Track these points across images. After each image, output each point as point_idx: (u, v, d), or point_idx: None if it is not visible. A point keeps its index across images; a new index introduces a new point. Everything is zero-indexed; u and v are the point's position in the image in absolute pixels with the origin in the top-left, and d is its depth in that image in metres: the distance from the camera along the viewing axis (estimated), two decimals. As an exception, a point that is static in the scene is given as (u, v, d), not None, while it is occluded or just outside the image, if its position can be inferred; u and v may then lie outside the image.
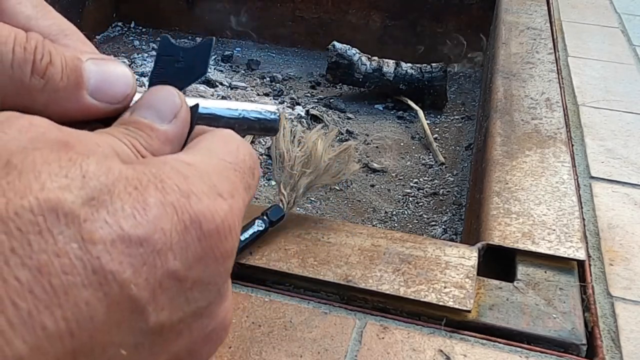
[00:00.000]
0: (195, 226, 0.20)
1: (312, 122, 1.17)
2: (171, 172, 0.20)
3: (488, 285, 0.44)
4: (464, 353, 0.39)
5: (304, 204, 0.94)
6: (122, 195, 0.18)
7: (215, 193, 0.21)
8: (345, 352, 0.38)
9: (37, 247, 0.17)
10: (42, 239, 0.17)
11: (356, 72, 1.25)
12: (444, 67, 1.24)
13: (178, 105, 0.24)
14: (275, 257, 0.45)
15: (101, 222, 0.18)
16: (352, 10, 1.49)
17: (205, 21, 1.59)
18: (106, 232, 0.18)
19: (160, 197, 0.19)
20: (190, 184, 0.20)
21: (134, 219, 0.18)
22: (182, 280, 0.19)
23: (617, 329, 0.42)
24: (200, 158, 0.22)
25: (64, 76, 0.22)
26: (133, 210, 0.18)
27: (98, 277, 0.17)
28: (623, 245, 0.51)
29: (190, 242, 0.20)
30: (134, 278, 0.18)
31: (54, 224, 0.17)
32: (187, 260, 0.20)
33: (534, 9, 1.07)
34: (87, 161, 0.19)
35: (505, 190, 0.55)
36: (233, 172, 0.23)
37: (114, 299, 0.18)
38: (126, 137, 0.22)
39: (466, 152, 1.10)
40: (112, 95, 0.24)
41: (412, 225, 0.91)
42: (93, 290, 0.17)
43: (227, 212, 0.21)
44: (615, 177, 0.61)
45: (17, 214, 0.17)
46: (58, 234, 0.17)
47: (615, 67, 0.88)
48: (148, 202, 0.19)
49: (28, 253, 0.16)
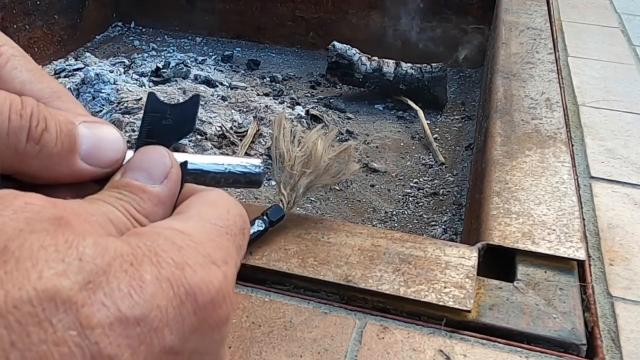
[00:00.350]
0: (190, 299, 0.20)
1: (312, 122, 1.17)
2: (165, 244, 0.21)
3: (488, 285, 0.44)
4: (464, 353, 0.39)
5: (304, 204, 0.94)
6: (118, 274, 0.19)
7: (210, 262, 0.21)
8: (345, 352, 0.38)
9: (37, 338, 0.17)
10: (41, 329, 0.17)
11: (356, 72, 1.25)
12: (444, 67, 1.24)
13: (169, 166, 0.25)
14: (275, 257, 0.45)
15: (99, 304, 0.18)
16: (352, 10, 1.49)
17: (205, 21, 1.59)
18: (104, 315, 0.18)
19: (155, 272, 0.20)
20: (184, 255, 0.21)
21: (131, 298, 0.19)
22: (179, 353, 0.20)
23: (617, 329, 0.42)
24: (193, 225, 0.23)
25: (58, 142, 0.23)
26: (129, 289, 0.19)
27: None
28: (623, 245, 0.51)
29: (186, 316, 0.20)
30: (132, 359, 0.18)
31: (53, 312, 0.17)
32: (184, 333, 0.20)
33: (534, 9, 1.07)
34: (83, 243, 0.19)
35: (505, 190, 0.55)
36: (225, 236, 0.23)
37: None
38: (119, 202, 0.23)
39: (466, 152, 1.10)
40: (103, 160, 0.25)
41: (412, 225, 0.91)
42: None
43: (221, 281, 0.21)
44: (615, 177, 0.61)
45: (15, 306, 0.17)
46: (57, 322, 0.17)
47: (615, 67, 0.88)
48: (144, 279, 0.19)
49: (28, 345, 0.17)
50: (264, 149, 1.07)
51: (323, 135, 0.47)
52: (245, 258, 0.44)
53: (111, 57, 1.45)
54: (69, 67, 1.34)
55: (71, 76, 1.29)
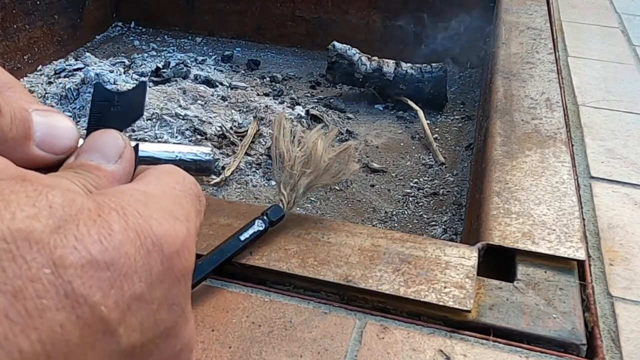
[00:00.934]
0: (157, 249, 0.21)
1: (312, 122, 1.17)
2: (131, 200, 0.21)
3: (488, 285, 0.44)
4: (464, 353, 0.39)
5: (304, 204, 0.94)
6: (87, 223, 0.19)
7: (174, 217, 0.22)
8: (345, 352, 0.38)
9: (12, 273, 0.17)
10: (15, 265, 0.17)
11: (356, 72, 1.25)
12: (444, 67, 1.24)
13: (122, 146, 0.26)
14: (275, 257, 0.45)
15: (70, 248, 0.18)
16: (352, 10, 1.49)
17: (205, 21, 1.59)
18: (76, 257, 0.18)
19: (123, 223, 0.20)
20: (150, 209, 0.21)
21: (101, 244, 0.19)
22: (148, 302, 0.20)
23: (617, 329, 0.42)
24: (154, 187, 0.24)
25: (13, 127, 0.23)
26: (99, 236, 0.19)
27: (70, 300, 0.18)
28: (623, 245, 0.51)
29: (154, 265, 0.21)
30: (103, 301, 0.19)
31: (27, 251, 0.18)
32: (151, 282, 0.20)
33: (534, 9, 1.07)
34: (52, 192, 0.19)
35: (505, 190, 0.55)
36: (184, 198, 0.24)
37: (87, 321, 0.18)
38: (76, 178, 0.23)
39: (466, 152, 1.10)
40: (57, 147, 0.25)
41: (412, 225, 0.91)
42: (66, 314, 0.18)
43: (185, 234, 0.22)
44: (615, 177, 0.61)
45: None
46: (31, 260, 0.18)
47: (615, 67, 0.88)
48: (112, 228, 0.20)
49: (3, 279, 0.17)
50: (264, 149, 1.07)
51: (323, 135, 0.47)
52: (245, 258, 0.44)
53: (111, 57, 1.45)
54: (69, 67, 1.34)
55: (71, 76, 1.29)
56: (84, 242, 0.19)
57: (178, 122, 1.10)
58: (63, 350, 0.17)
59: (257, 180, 1.00)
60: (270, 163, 1.02)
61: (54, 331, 0.17)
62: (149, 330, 0.20)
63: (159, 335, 0.21)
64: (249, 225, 0.44)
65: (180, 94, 1.20)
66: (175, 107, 1.14)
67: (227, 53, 1.48)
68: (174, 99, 1.17)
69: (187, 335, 0.24)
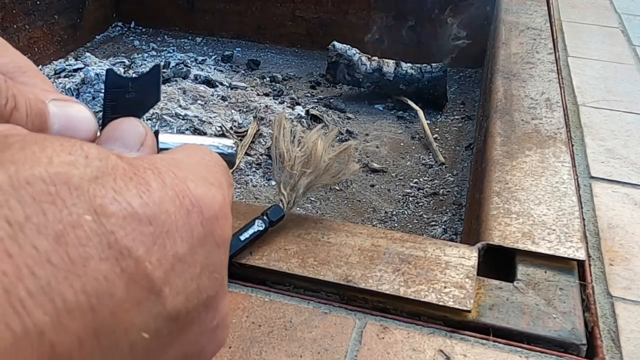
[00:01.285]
0: (197, 210, 0.20)
1: (312, 122, 1.17)
2: (163, 162, 0.21)
3: (488, 285, 0.44)
4: (464, 353, 0.39)
5: (304, 204, 0.94)
6: (124, 178, 0.18)
7: (209, 182, 0.21)
8: (345, 352, 0.38)
9: (52, 216, 0.16)
10: (56, 209, 0.16)
11: (356, 72, 1.25)
12: (444, 67, 1.24)
13: (142, 134, 0.25)
14: (275, 257, 0.45)
15: (110, 198, 0.17)
16: (352, 10, 1.49)
17: (205, 21, 1.59)
18: (117, 208, 0.17)
19: (160, 181, 0.19)
20: (184, 172, 0.21)
21: (141, 198, 0.18)
22: (190, 265, 0.19)
23: (617, 329, 0.42)
24: (183, 156, 0.23)
25: (28, 121, 0.22)
26: (138, 191, 0.18)
27: (114, 251, 0.17)
28: (623, 245, 0.51)
29: (194, 226, 0.20)
30: (147, 256, 0.18)
31: (67, 195, 0.17)
32: (193, 244, 0.20)
33: (534, 9, 1.07)
34: (86, 144, 0.18)
35: (505, 190, 0.55)
36: (215, 167, 0.23)
37: (132, 276, 0.17)
38: None
39: (466, 152, 1.10)
40: None
41: (412, 225, 0.91)
42: (110, 265, 0.17)
43: (222, 201, 0.21)
44: (615, 177, 0.61)
45: (28, 183, 0.16)
46: (71, 205, 0.16)
47: (615, 67, 0.88)
48: (150, 185, 0.19)
49: (43, 222, 0.16)
50: (264, 149, 1.07)
51: (323, 135, 0.47)
52: (245, 258, 0.44)
53: (111, 57, 1.45)
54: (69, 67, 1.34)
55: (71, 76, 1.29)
56: (123, 194, 0.18)
57: (178, 122, 1.10)
58: (108, 304, 0.16)
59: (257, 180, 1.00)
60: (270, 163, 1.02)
61: (99, 282, 0.16)
62: (192, 296, 0.19)
63: (202, 303, 0.20)
64: (249, 225, 0.44)
65: (180, 94, 1.20)
66: (175, 107, 1.14)
67: (227, 53, 1.48)
68: (174, 99, 1.17)
69: (225, 311, 0.23)
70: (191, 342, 0.21)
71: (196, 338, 0.21)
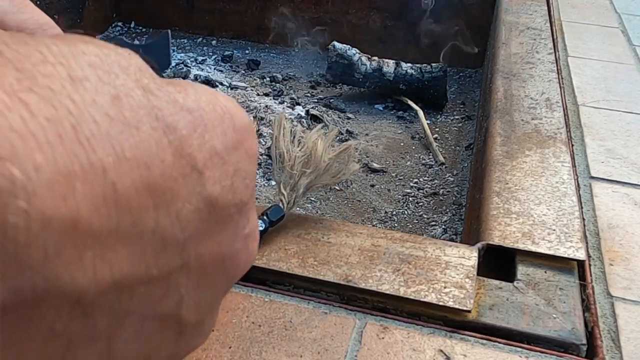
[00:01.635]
0: (228, 117, 0.21)
1: (312, 122, 1.17)
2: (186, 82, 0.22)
3: (488, 285, 0.44)
4: (464, 353, 0.39)
5: (304, 204, 0.94)
6: (163, 81, 0.19)
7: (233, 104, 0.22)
8: (345, 352, 0.38)
9: (107, 80, 0.17)
10: (109, 77, 0.17)
11: (356, 72, 1.25)
12: (444, 67, 1.24)
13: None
14: (275, 257, 0.45)
15: (154, 85, 0.19)
16: (352, 10, 1.49)
17: (205, 21, 1.59)
18: (161, 94, 0.19)
19: (194, 88, 0.20)
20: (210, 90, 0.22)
21: (178, 93, 0.19)
22: (225, 161, 0.20)
23: (617, 329, 0.42)
24: None
25: None
26: (176, 89, 0.19)
27: (162, 124, 0.18)
28: (623, 245, 0.51)
29: (227, 129, 0.21)
30: (189, 138, 0.19)
31: (118, 70, 0.18)
32: (227, 145, 0.20)
33: (534, 9, 1.07)
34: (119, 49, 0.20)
35: (505, 190, 0.55)
36: None
37: (178, 149, 0.18)
38: None
39: (466, 152, 1.10)
40: None
41: (412, 225, 0.91)
42: (160, 135, 0.18)
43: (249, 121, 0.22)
44: (615, 177, 0.61)
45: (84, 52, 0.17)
46: (123, 78, 0.18)
47: (615, 67, 0.88)
48: (187, 89, 0.20)
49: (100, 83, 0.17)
50: (264, 149, 1.07)
51: (323, 135, 0.47)
52: (245, 258, 0.44)
53: (111, 57, 1.45)
54: (69, 67, 1.34)
55: (71, 76, 1.29)
56: (164, 87, 0.19)
57: (178, 122, 1.10)
58: (160, 167, 0.18)
59: (257, 180, 1.00)
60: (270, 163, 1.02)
61: (151, 145, 0.17)
62: (227, 191, 0.20)
63: (236, 204, 0.21)
64: (249, 225, 0.44)
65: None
66: (175, 107, 1.14)
67: (227, 53, 1.48)
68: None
69: (255, 225, 0.24)
70: (227, 242, 0.22)
71: (231, 240, 0.22)
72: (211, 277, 0.21)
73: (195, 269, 0.20)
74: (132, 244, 0.17)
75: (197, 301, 0.21)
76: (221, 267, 0.22)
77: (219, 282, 0.22)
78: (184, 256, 0.19)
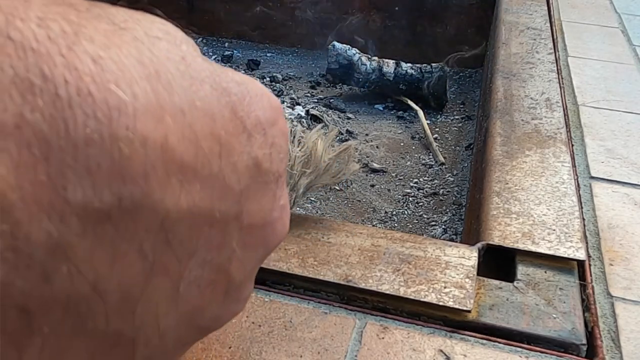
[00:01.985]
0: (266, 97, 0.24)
1: (312, 122, 1.17)
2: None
3: (488, 285, 0.44)
4: (464, 353, 0.39)
5: (304, 204, 0.94)
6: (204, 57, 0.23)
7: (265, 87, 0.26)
8: (345, 352, 0.38)
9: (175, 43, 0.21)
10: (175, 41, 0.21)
11: (356, 72, 1.25)
12: (444, 67, 1.24)
13: None
14: (275, 257, 0.45)
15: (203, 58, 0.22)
16: (352, 10, 1.49)
17: (205, 21, 1.59)
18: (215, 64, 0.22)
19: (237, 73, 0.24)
20: None
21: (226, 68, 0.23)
22: (265, 134, 0.23)
23: (617, 329, 0.42)
24: None
25: None
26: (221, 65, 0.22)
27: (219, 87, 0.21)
28: (623, 245, 0.51)
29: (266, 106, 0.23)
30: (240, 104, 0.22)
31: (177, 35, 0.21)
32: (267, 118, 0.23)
33: (534, 9, 1.07)
34: None
35: (505, 190, 0.55)
36: None
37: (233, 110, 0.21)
38: None
39: (466, 152, 1.10)
40: None
41: (412, 225, 0.91)
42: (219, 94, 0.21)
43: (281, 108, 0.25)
44: (615, 177, 0.61)
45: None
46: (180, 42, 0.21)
47: (615, 67, 0.88)
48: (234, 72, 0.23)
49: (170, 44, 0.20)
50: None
51: (323, 135, 0.47)
52: (245, 258, 0.44)
53: (111, 57, 1.45)
54: (69, 67, 1.33)
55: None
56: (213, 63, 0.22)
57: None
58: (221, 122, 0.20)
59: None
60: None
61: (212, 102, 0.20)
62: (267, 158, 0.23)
63: (273, 173, 0.24)
64: (249, 225, 0.44)
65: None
66: (175, 107, 1.14)
67: (227, 53, 1.48)
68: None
69: (287, 198, 0.27)
70: (268, 207, 0.24)
71: (271, 206, 0.25)
72: (255, 239, 0.24)
73: (245, 226, 0.23)
74: (204, 181, 0.19)
75: (242, 260, 0.23)
76: (262, 232, 0.24)
77: (259, 247, 0.25)
78: (238, 207, 0.22)
